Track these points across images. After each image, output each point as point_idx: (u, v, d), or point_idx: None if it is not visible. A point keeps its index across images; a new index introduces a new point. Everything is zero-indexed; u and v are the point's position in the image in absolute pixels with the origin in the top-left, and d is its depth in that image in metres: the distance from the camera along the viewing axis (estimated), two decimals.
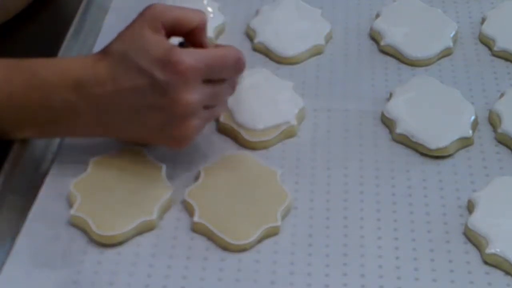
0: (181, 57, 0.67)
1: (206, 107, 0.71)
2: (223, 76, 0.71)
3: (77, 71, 0.69)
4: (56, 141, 0.77)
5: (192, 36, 0.71)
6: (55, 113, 0.70)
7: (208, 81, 0.70)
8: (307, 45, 0.88)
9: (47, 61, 0.71)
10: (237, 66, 0.72)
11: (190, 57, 0.68)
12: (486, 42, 0.90)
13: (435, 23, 0.90)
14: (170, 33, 0.70)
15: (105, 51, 0.70)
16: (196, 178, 0.74)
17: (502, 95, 0.83)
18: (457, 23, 0.91)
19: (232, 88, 0.74)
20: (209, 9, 0.91)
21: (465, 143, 0.78)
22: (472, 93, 0.84)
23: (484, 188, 0.73)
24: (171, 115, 0.68)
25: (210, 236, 0.69)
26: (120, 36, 0.70)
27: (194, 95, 0.68)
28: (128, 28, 0.70)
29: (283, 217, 0.71)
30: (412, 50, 0.87)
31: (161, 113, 0.69)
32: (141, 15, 0.70)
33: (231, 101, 0.79)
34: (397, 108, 0.80)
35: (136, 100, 0.68)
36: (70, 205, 0.71)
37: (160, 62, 0.67)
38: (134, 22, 0.70)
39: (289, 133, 0.79)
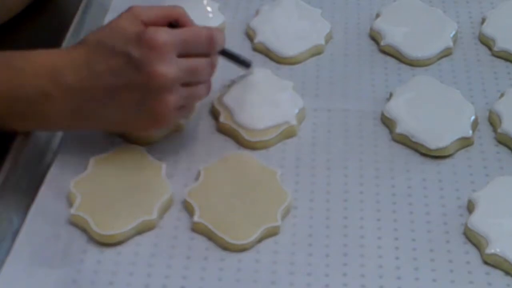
0: (154, 34, 0.68)
1: (185, 85, 0.71)
2: (198, 50, 0.72)
3: (53, 60, 0.70)
4: (57, 140, 0.77)
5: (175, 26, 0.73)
6: (31, 103, 0.69)
7: (184, 56, 0.70)
8: (307, 45, 0.88)
9: (24, 52, 0.71)
10: (211, 41, 0.72)
11: (163, 33, 0.69)
12: (486, 42, 0.90)
13: (435, 23, 0.90)
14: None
15: (81, 41, 0.71)
16: (196, 178, 0.74)
17: (502, 95, 0.83)
18: (457, 23, 0.91)
19: (212, 66, 0.74)
20: (209, 9, 0.91)
21: (465, 143, 0.78)
22: (472, 93, 0.84)
23: (484, 188, 0.73)
24: (147, 90, 0.68)
25: (210, 236, 0.69)
26: (98, 28, 0.72)
27: (169, 68, 0.68)
28: (107, 23, 0.72)
29: (283, 217, 0.71)
30: (412, 50, 0.87)
31: (137, 91, 0.69)
32: (120, 14, 0.71)
33: (231, 101, 0.79)
34: (397, 108, 0.80)
35: (112, 81, 0.68)
36: (70, 204, 0.71)
37: (134, 40, 0.68)
38: (113, 19, 0.72)
39: (289, 133, 0.79)
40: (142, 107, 0.69)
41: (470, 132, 0.78)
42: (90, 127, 0.73)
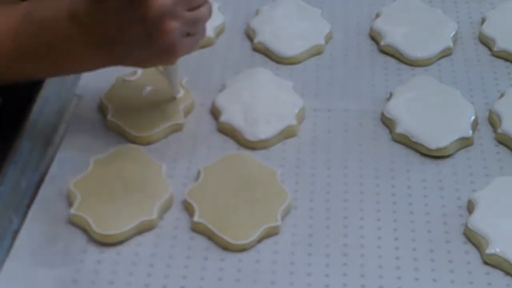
0: None
1: (187, 10, 0.69)
2: None
3: (69, 3, 0.69)
4: (57, 140, 0.78)
5: None
6: (56, 47, 0.70)
7: None
8: (307, 45, 0.88)
9: (38, 1, 0.72)
10: None
11: None
12: (486, 42, 0.90)
13: (435, 23, 0.90)
14: None
15: None
16: (196, 178, 0.74)
17: (502, 95, 0.83)
18: (457, 23, 0.91)
19: None
20: None
21: (465, 143, 0.78)
22: (472, 93, 0.84)
23: (484, 188, 0.73)
24: (149, 21, 0.67)
25: (210, 236, 0.69)
26: None
27: None
28: None
29: (283, 217, 0.71)
30: (412, 50, 0.87)
31: (140, 24, 0.68)
32: None
33: (230, 100, 0.79)
34: (397, 108, 0.80)
35: (117, 17, 0.68)
36: (70, 204, 0.71)
37: None
38: None
39: (289, 133, 0.79)
40: (150, 40, 0.68)
41: (470, 132, 0.78)
42: (117, 64, 0.73)
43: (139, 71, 0.82)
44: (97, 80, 0.82)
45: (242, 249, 0.69)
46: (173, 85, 0.79)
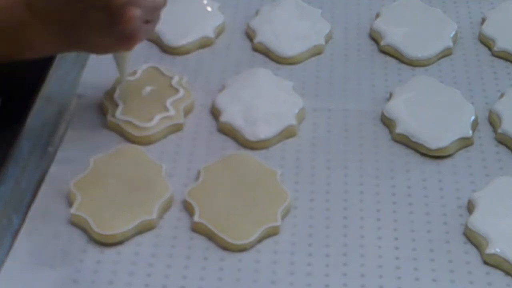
0: None
1: None
2: None
3: None
4: (57, 140, 0.77)
5: None
6: (11, 32, 0.70)
7: None
8: (307, 45, 0.88)
9: None
10: None
11: None
12: (486, 42, 0.90)
13: (435, 23, 0.90)
14: None
15: None
16: (196, 178, 0.74)
17: (502, 95, 0.83)
18: (457, 23, 0.91)
19: None
20: (209, 9, 0.91)
21: (465, 143, 0.78)
22: (472, 93, 0.84)
23: (484, 188, 0.73)
24: (112, 9, 0.67)
25: (210, 236, 0.69)
26: None
27: None
28: None
29: (283, 217, 0.71)
30: (412, 50, 0.87)
31: (103, 10, 0.68)
32: None
33: (230, 100, 0.79)
34: (397, 108, 0.80)
35: (80, 3, 0.68)
36: (70, 204, 0.71)
37: None
38: None
39: (289, 133, 0.79)
40: (111, 26, 0.69)
41: (470, 132, 0.78)
42: (72, 49, 0.74)
43: (139, 71, 0.82)
44: (98, 80, 0.82)
45: (242, 249, 0.69)
46: (123, 70, 0.79)
